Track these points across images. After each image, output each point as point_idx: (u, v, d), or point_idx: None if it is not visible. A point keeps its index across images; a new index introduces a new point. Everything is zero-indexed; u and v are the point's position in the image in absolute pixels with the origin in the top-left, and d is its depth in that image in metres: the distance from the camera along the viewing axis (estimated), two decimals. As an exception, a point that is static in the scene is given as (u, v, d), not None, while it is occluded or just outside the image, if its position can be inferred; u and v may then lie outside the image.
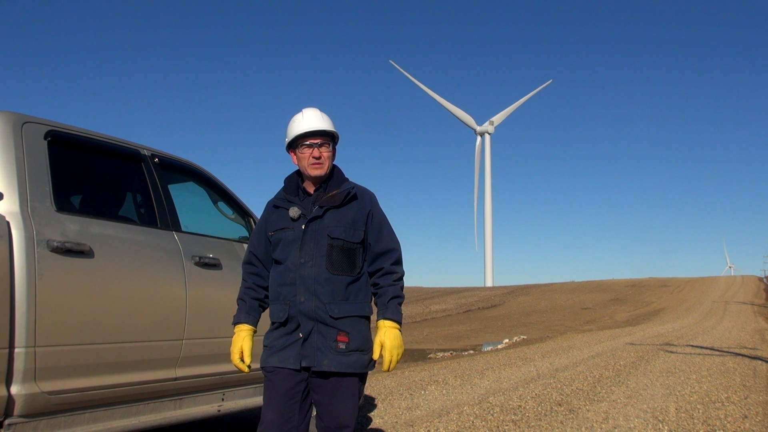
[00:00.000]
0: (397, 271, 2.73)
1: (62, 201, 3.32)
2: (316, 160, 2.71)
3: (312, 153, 2.71)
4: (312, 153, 2.71)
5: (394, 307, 2.67)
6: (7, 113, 3.27)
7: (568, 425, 5.39)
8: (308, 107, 2.80)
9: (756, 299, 38.90)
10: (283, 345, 2.63)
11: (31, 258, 2.99)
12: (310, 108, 2.80)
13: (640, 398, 6.73)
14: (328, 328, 2.60)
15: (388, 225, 2.80)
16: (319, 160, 2.71)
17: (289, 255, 2.67)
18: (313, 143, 2.71)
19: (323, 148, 2.72)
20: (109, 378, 3.32)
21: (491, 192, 79.95)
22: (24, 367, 2.94)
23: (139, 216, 3.94)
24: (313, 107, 2.81)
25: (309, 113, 2.77)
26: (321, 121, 2.74)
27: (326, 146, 2.73)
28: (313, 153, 2.71)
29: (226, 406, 4.08)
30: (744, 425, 5.44)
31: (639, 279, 60.49)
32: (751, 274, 73.11)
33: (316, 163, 2.71)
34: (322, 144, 2.72)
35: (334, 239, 2.65)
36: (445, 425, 5.39)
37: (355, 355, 2.62)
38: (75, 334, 3.16)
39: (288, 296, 2.64)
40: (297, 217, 2.69)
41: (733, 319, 24.18)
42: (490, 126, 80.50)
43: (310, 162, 2.71)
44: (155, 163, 4.01)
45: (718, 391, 7.21)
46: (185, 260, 3.81)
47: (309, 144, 2.72)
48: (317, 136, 2.72)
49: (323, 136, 2.73)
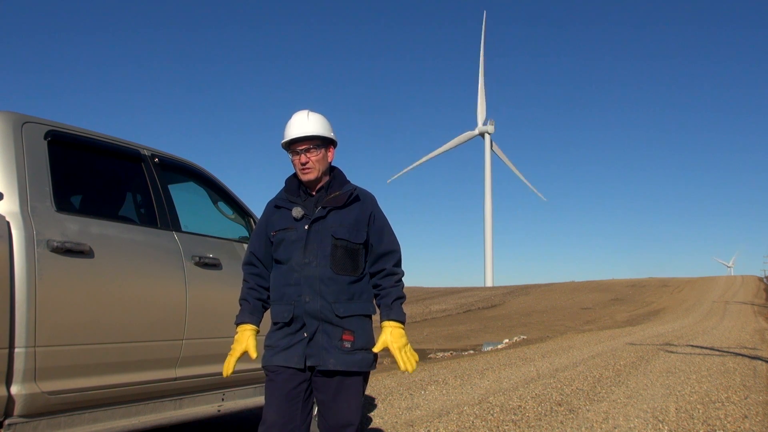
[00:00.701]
0: (398, 272, 2.75)
1: (62, 201, 3.32)
2: (303, 165, 2.70)
3: (299, 159, 2.70)
4: (299, 159, 2.70)
5: (398, 308, 2.69)
6: (7, 113, 3.26)
7: (568, 425, 5.39)
8: (299, 111, 2.76)
9: (756, 299, 38.90)
10: (287, 345, 2.62)
11: (31, 258, 2.98)
12: (299, 112, 2.75)
13: (640, 398, 6.73)
14: (334, 328, 2.61)
15: (389, 227, 2.81)
16: (306, 165, 2.69)
17: (293, 255, 2.66)
18: (299, 149, 2.70)
19: (310, 154, 2.69)
20: (109, 378, 3.32)
21: (491, 192, 79.94)
22: (24, 367, 2.94)
23: (139, 216, 3.94)
24: (303, 111, 2.75)
25: (295, 119, 2.74)
26: (306, 127, 2.70)
27: (313, 151, 2.70)
28: (300, 159, 2.70)
29: (226, 406, 4.08)
30: (744, 425, 5.44)
31: (639, 279, 60.53)
32: (751, 274, 73.11)
33: (304, 169, 2.70)
34: (309, 149, 2.69)
35: (338, 240, 2.65)
36: (445, 425, 5.39)
37: (360, 354, 2.63)
38: (75, 334, 3.16)
39: (292, 296, 2.64)
40: (300, 217, 2.68)
41: (733, 319, 24.18)
42: (490, 126, 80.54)
43: (299, 168, 2.71)
44: (155, 163, 4.01)
45: (718, 391, 7.21)
46: (185, 260, 3.81)
47: (296, 150, 2.71)
48: (302, 141, 2.70)
49: (309, 140, 2.70)
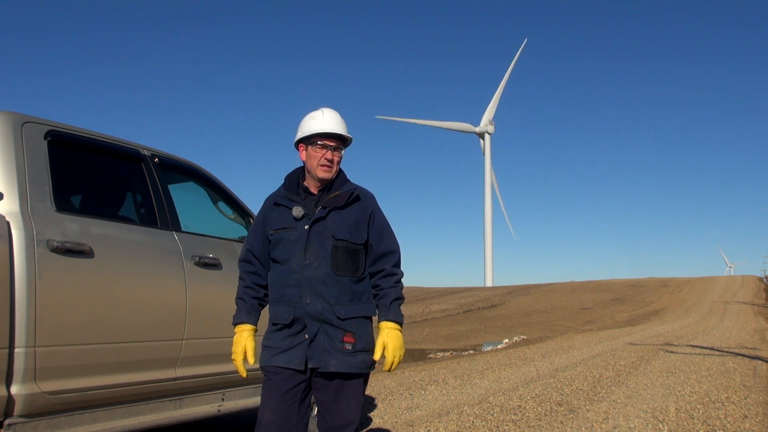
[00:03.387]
0: (397, 273, 2.73)
1: (62, 201, 3.32)
2: (328, 162, 2.68)
3: (325, 154, 2.67)
4: (325, 154, 2.67)
5: (396, 309, 2.67)
6: (7, 113, 3.27)
7: (568, 425, 5.39)
8: (325, 107, 2.76)
9: (756, 299, 38.87)
10: (288, 346, 2.61)
11: (31, 258, 2.99)
12: (330, 109, 2.76)
13: (640, 398, 6.73)
14: (335, 329, 2.59)
15: (388, 227, 2.79)
16: (330, 163, 2.68)
17: (293, 256, 2.63)
18: (328, 145, 2.68)
19: (336, 152, 2.70)
20: (109, 378, 3.33)
21: (491, 192, 79.92)
22: (24, 367, 2.94)
23: (139, 216, 3.94)
24: (329, 108, 2.76)
25: (330, 113, 2.73)
26: (340, 125, 2.71)
27: (339, 150, 2.71)
28: (326, 155, 2.67)
29: (226, 406, 4.08)
30: (744, 425, 5.44)
31: (639, 279, 60.46)
32: (751, 274, 73.11)
33: (326, 166, 2.68)
34: (336, 148, 2.69)
35: (339, 240, 2.63)
36: (445, 425, 5.39)
37: (361, 356, 2.62)
38: (75, 334, 3.16)
39: (293, 298, 2.62)
40: (300, 216, 2.65)
41: (733, 319, 24.16)
42: (490, 126, 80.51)
43: (321, 163, 2.68)
44: (155, 163, 4.01)
45: (718, 391, 7.21)
46: (185, 260, 3.81)
47: (323, 144, 2.68)
48: (334, 138, 2.69)
49: (339, 139, 2.71)
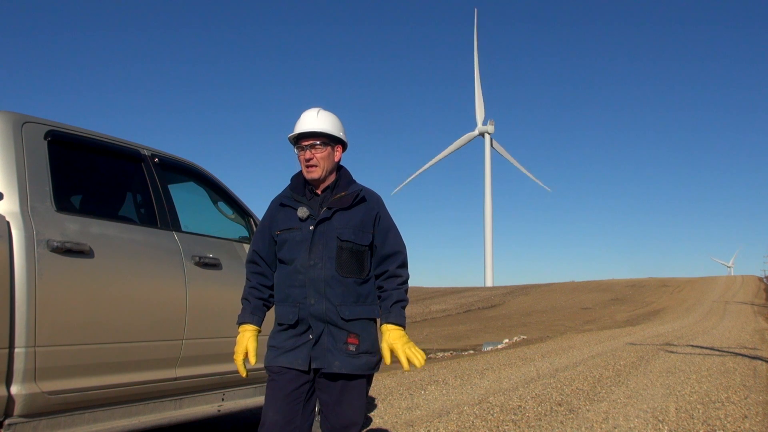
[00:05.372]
0: (401, 274, 2.70)
1: (62, 201, 3.32)
2: (307, 162, 2.66)
3: (304, 155, 2.67)
4: (304, 155, 2.67)
5: (398, 311, 2.64)
6: (7, 113, 3.26)
7: (568, 425, 5.39)
8: (312, 108, 2.74)
9: (756, 299, 38.89)
10: (292, 346, 2.60)
11: (31, 258, 2.98)
12: (311, 109, 2.74)
13: (640, 398, 6.72)
14: (339, 330, 2.58)
15: (394, 228, 2.76)
16: (310, 162, 2.65)
17: (298, 256, 2.62)
18: (304, 145, 2.67)
19: (315, 150, 2.65)
20: (109, 378, 3.32)
21: (491, 192, 79.91)
22: (24, 367, 2.94)
23: (139, 216, 3.94)
24: (315, 107, 2.74)
25: (305, 115, 2.71)
26: (314, 123, 2.67)
27: (318, 148, 2.66)
28: (305, 155, 2.66)
29: (226, 406, 4.07)
30: (744, 425, 5.44)
31: (639, 279, 60.51)
32: (751, 274, 73.11)
33: (308, 166, 2.66)
34: (314, 146, 2.66)
35: (344, 241, 2.61)
36: (445, 425, 5.39)
37: (364, 357, 2.61)
38: (75, 334, 3.16)
39: (298, 298, 2.61)
40: (305, 217, 2.64)
41: (733, 319, 24.17)
42: (490, 126, 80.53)
43: (303, 165, 2.68)
44: (155, 163, 4.01)
45: (718, 391, 7.21)
46: (185, 260, 3.81)
47: (300, 146, 2.68)
48: (309, 137, 2.67)
49: (315, 137, 2.67)
